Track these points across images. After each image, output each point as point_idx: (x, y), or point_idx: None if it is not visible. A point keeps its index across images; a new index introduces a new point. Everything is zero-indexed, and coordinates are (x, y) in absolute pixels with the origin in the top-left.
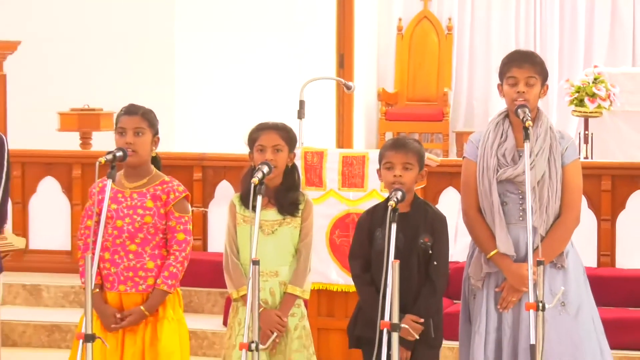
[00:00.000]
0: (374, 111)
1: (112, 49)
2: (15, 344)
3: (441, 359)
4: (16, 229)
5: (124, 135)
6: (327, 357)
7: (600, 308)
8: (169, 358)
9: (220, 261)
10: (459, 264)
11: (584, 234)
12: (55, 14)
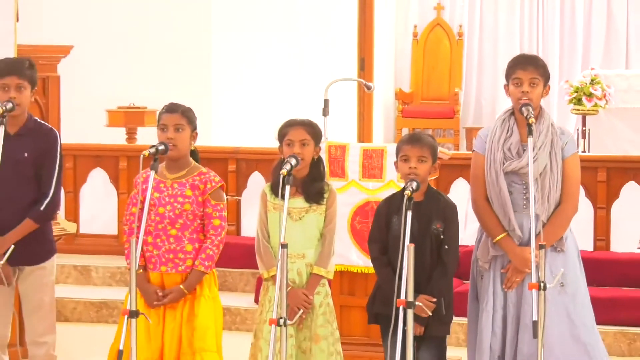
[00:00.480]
0: (391, 109)
1: (155, 53)
2: (67, 320)
3: (451, 333)
4: (68, 215)
5: (166, 131)
6: (348, 332)
7: (597, 288)
8: (203, 332)
9: (252, 245)
10: (468, 248)
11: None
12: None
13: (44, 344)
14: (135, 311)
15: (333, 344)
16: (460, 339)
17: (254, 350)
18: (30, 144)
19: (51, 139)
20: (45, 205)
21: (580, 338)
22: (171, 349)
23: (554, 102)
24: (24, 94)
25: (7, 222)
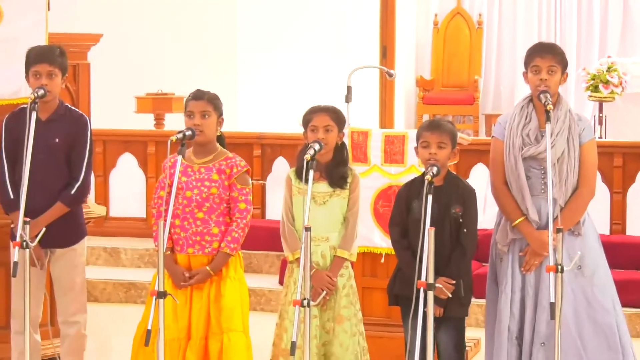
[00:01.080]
0: (412, 96)
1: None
2: (96, 300)
3: (470, 315)
4: (98, 199)
5: (192, 118)
6: (370, 312)
7: (613, 270)
8: (230, 312)
9: (276, 228)
10: (487, 231)
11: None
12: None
13: (75, 324)
14: (163, 292)
15: (356, 325)
16: (479, 320)
17: (279, 331)
18: (61, 130)
19: (81, 124)
20: (76, 189)
21: (598, 320)
22: (198, 329)
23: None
24: (55, 81)
25: (39, 206)
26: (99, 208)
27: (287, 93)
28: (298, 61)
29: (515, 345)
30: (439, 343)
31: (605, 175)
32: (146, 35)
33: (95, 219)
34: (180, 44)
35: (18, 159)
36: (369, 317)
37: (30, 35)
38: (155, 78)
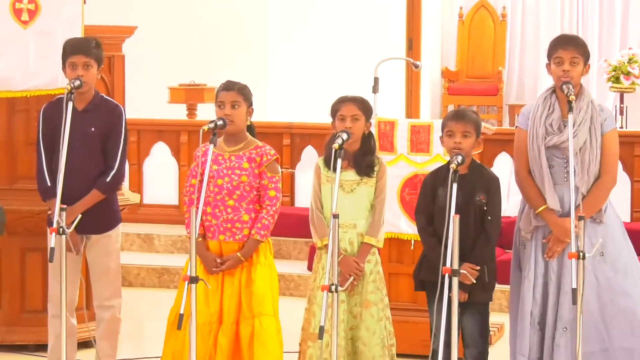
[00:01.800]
0: (438, 86)
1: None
2: (130, 284)
3: (494, 300)
4: (132, 186)
5: (223, 108)
6: (397, 298)
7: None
8: (261, 297)
9: (305, 215)
10: (511, 219)
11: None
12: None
13: (110, 308)
14: (195, 277)
15: (382, 310)
16: (502, 305)
17: (308, 315)
18: (97, 119)
19: (116, 114)
20: (111, 177)
21: (620, 304)
22: (230, 313)
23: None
24: (91, 72)
25: (76, 193)
26: (133, 195)
27: (316, 84)
28: (326, 53)
29: (537, 330)
30: (464, 327)
31: (626, 164)
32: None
33: (130, 206)
34: (212, 36)
35: (55, 147)
36: (395, 302)
37: (66, 28)
38: (188, 69)
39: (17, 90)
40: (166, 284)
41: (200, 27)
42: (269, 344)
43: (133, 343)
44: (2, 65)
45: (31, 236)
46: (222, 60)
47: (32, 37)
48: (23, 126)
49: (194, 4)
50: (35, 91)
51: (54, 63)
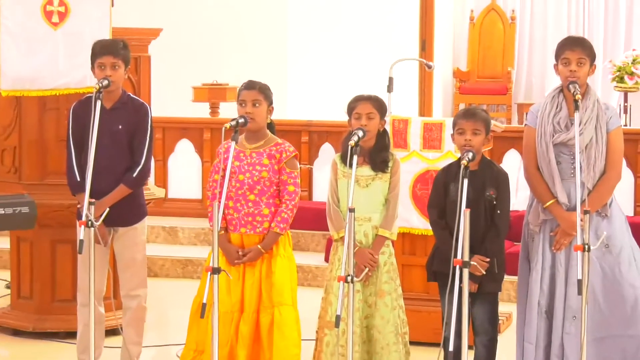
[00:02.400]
0: (450, 86)
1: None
2: (156, 275)
3: (503, 290)
4: (157, 181)
5: (244, 106)
6: (410, 288)
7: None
8: (280, 288)
9: (323, 209)
10: (519, 212)
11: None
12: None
13: (136, 297)
14: (217, 268)
15: (396, 299)
16: (511, 295)
17: (325, 304)
18: (124, 117)
19: (142, 112)
20: (137, 172)
21: (624, 293)
22: (251, 302)
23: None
24: (118, 72)
25: (104, 188)
26: (158, 190)
27: (333, 83)
28: (343, 54)
29: (544, 319)
30: (474, 316)
31: (629, 161)
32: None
33: (155, 200)
34: (234, 38)
35: (84, 144)
36: (409, 292)
37: (95, 29)
38: (211, 69)
39: (48, 89)
40: (190, 275)
41: (223, 30)
42: (288, 332)
43: (158, 330)
44: (33, 65)
45: (61, 229)
46: (244, 60)
47: (61, 38)
48: (53, 124)
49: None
50: (65, 90)
51: (83, 63)
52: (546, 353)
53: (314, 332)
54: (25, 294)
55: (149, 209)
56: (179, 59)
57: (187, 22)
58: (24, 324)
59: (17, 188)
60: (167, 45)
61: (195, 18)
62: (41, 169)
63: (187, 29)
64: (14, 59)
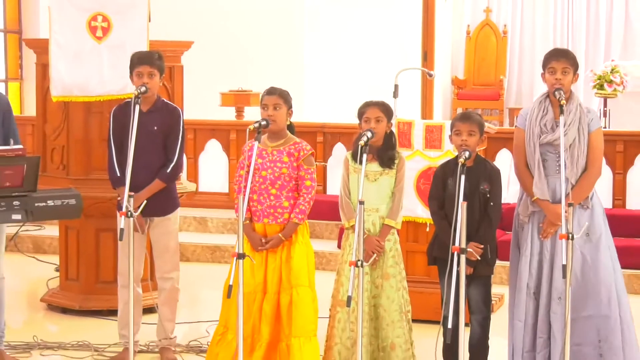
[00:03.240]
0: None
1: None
2: (187, 260)
3: (495, 274)
4: (189, 177)
5: (266, 110)
6: (413, 271)
7: (615, 238)
8: (298, 271)
9: (336, 201)
10: (510, 205)
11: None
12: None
13: (170, 279)
14: (243, 254)
15: (400, 281)
16: (502, 278)
17: (337, 285)
18: (159, 119)
19: (175, 115)
20: (171, 168)
21: (600, 277)
22: (273, 284)
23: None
24: (154, 80)
25: (141, 182)
26: (190, 184)
27: (345, 90)
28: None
29: (532, 299)
30: (470, 297)
31: (608, 159)
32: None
33: (187, 193)
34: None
35: (123, 143)
36: (411, 275)
37: (134, 42)
38: (237, 77)
39: (93, 95)
40: (217, 260)
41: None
42: (305, 310)
43: (190, 309)
44: (81, 74)
45: (104, 219)
46: (266, 69)
47: (105, 51)
48: (97, 125)
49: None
50: (108, 96)
51: (124, 72)
52: (533, 330)
53: (327, 310)
54: (72, 277)
55: (181, 201)
56: (208, 68)
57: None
58: (72, 303)
59: (65, 182)
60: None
61: (222, 32)
62: (86, 166)
63: (216, 41)
64: (63, 69)
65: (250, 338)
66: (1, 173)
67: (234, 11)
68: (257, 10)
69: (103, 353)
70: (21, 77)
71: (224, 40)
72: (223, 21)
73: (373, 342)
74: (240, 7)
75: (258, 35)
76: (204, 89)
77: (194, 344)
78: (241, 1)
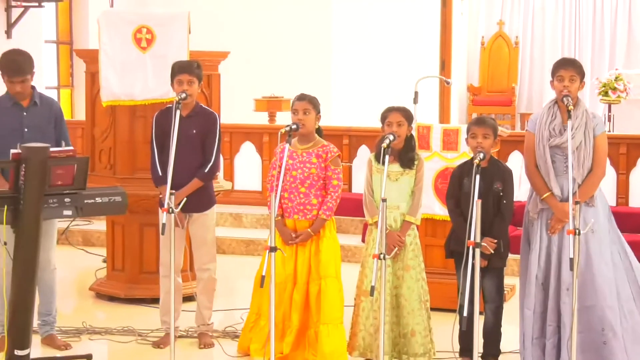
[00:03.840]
0: (464, 98)
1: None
2: (224, 252)
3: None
4: (225, 176)
5: (297, 114)
6: (431, 264)
7: None
8: (326, 263)
9: (360, 199)
10: (522, 203)
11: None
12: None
13: (208, 270)
14: (275, 247)
15: (419, 273)
16: (514, 270)
17: (361, 277)
18: (197, 124)
19: (213, 119)
20: (208, 168)
21: (603, 270)
22: (302, 275)
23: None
24: (193, 87)
25: (181, 181)
26: (226, 183)
27: (369, 96)
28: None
29: (541, 289)
30: (484, 287)
31: (612, 160)
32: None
33: (223, 191)
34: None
35: (165, 145)
36: (430, 267)
37: (175, 52)
38: (269, 85)
39: (137, 100)
40: (251, 253)
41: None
42: (332, 299)
43: (226, 297)
44: (127, 82)
45: (147, 214)
46: (296, 77)
47: (149, 60)
48: (141, 128)
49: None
50: (151, 100)
51: (166, 80)
52: (542, 318)
53: (353, 299)
54: (118, 267)
55: (218, 199)
56: (243, 77)
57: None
58: (117, 291)
59: (111, 181)
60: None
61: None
62: (131, 166)
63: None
64: (111, 77)
65: (281, 324)
66: (53, 172)
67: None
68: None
69: (146, 338)
70: (72, 84)
71: (258, 51)
72: (257, 33)
73: (395, 329)
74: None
75: (289, 46)
76: (239, 95)
77: (229, 329)
78: (274, 16)
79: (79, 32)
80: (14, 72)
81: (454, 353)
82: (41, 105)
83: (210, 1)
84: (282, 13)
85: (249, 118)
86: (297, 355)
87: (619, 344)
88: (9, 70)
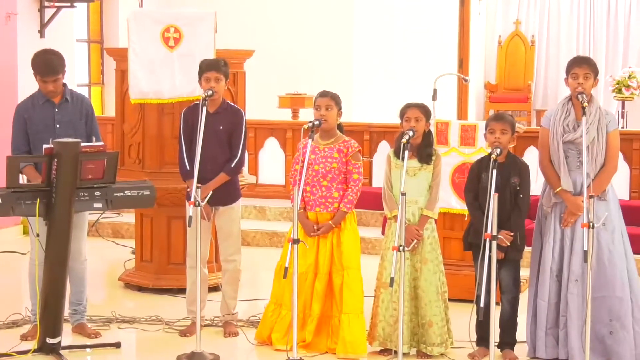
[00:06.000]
0: (482, 96)
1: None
2: (248, 244)
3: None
4: (250, 171)
5: (319, 110)
6: (449, 256)
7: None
8: (348, 255)
9: (380, 193)
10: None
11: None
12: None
13: (233, 261)
14: (297, 239)
15: (437, 265)
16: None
17: (381, 269)
18: (224, 120)
19: (239, 116)
20: (235, 163)
21: (614, 262)
22: (324, 266)
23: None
24: (220, 84)
25: (208, 175)
26: (251, 177)
27: (389, 93)
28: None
29: (555, 281)
30: (501, 279)
31: (626, 156)
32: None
33: (248, 185)
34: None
35: (193, 140)
36: (448, 259)
37: (202, 51)
38: (293, 82)
39: (166, 97)
40: (275, 244)
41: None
42: (354, 289)
43: (250, 288)
44: (155, 79)
45: (175, 207)
46: (319, 75)
47: (176, 59)
48: (169, 125)
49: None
50: (179, 98)
51: (193, 78)
52: (556, 308)
53: (373, 290)
54: (146, 258)
55: (243, 192)
56: (267, 74)
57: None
58: (146, 281)
59: (140, 175)
60: (258, 63)
61: (280, 42)
62: (159, 160)
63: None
64: (140, 75)
65: (302, 313)
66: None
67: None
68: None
69: (173, 327)
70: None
71: (282, 49)
72: (281, 33)
73: (413, 320)
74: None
75: (312, 45)
76: (264, 92)
77: (253, 319)
78: (297, 16)
79: (109, 31)
80: (47, 72)
81: (471, 342)
82: (72, 101)
83: (237, 2)
84: (305, 13)
85: (273, 114)
86: (320, 342)
87: (627, 335)
88: (41, 70)
